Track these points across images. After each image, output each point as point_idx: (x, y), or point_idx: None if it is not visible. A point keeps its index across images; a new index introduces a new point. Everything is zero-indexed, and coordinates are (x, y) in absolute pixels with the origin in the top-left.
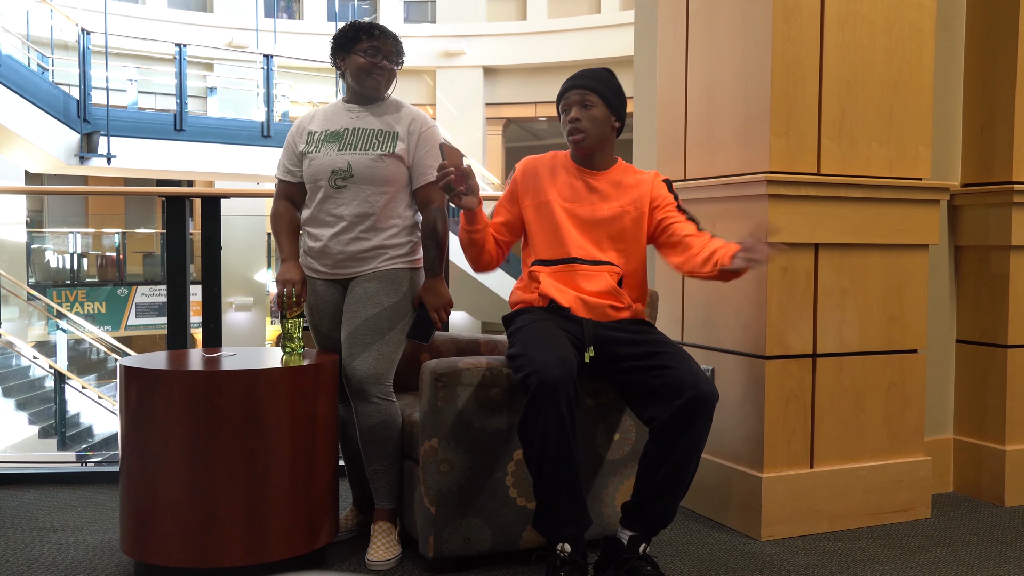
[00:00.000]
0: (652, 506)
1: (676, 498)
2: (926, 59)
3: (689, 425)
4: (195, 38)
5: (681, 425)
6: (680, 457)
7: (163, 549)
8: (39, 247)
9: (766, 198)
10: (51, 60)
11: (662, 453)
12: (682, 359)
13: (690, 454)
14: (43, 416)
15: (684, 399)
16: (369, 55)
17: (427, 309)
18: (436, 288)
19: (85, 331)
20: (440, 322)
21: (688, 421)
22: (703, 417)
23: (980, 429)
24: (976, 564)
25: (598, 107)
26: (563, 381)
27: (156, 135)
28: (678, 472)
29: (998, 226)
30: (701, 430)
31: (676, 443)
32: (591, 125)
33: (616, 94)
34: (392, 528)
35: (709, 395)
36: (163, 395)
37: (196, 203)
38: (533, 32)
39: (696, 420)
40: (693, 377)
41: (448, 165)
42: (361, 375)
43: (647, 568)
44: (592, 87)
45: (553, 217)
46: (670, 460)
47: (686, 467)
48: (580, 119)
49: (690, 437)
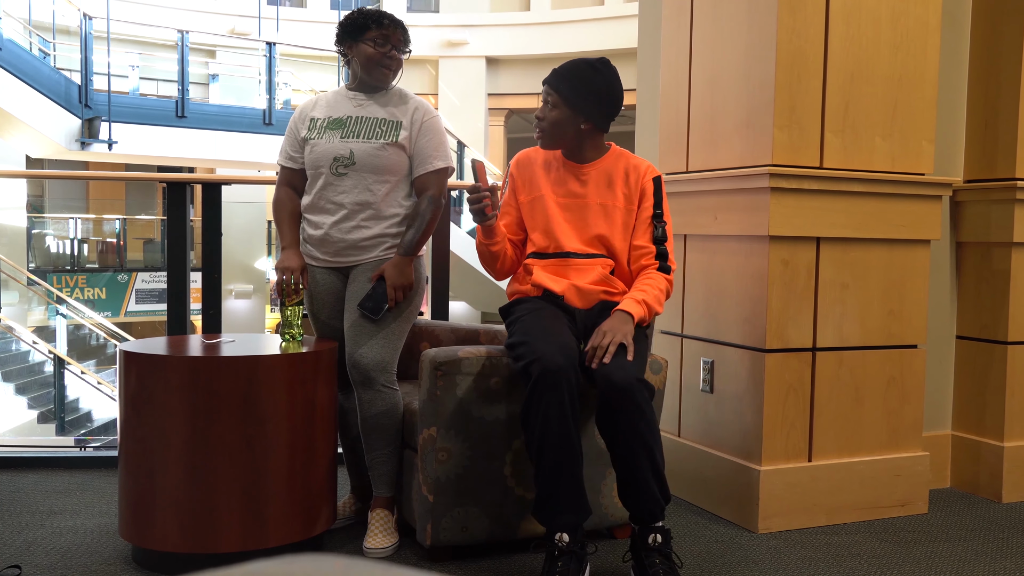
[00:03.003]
0: (627, 496)
1: (645, 485)
2: (931, 54)
3: (616, 417)
4: (197, 24)
5: (609, 415)
6: (626, 448)
7: (161, 534)
8: (39, 232)
9: (768, 191)
10: (53, 45)
11: (609, 445)
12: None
13: (633, 441)
14: (42, 401)
15: (603, 389)
16: (378, 45)
17: (386, 285)
18: (403, 267)
19: (85, 316)
20: (395, 301)
21: (612, 411)
22: (626, 406)
23: (979, 425)
24: (972, 560)
25: (558, 108)
26: (565, 369)
27: (157, 121)
28: (632, 460)
29: (1000, 222)
30: (630, 417)
31: (615, 436)
32: (548, 126)
33: (584, 94)
34: (390, 516)
35: (621, 383)
36: (162, 381)
37: (197, 190)
38: (536, 23)
39: (620, 410)
40: (611, 364)
41: (482, 186)
42: (367, 363)
43: (655, 559)
44: (555, 86)
45: (547, 211)
46: (618, 453)
47: (637, 453)
48: (542, 117)
49: (623, 427)
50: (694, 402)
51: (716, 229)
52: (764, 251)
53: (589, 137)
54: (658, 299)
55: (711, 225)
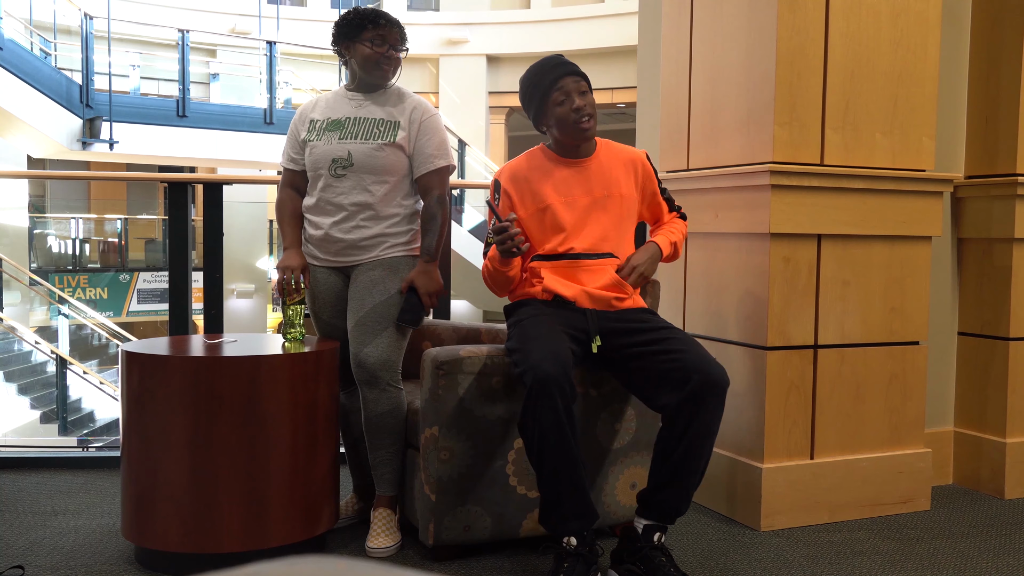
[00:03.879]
0: (665, 493)
1: (690, 485)
2: (931, 50)
3: (699, 410)
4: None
5: (692, 410)
6: (692, 442)
7: (163, 534)
8: (41, 232)
9: (769, 188)
10: (54, 45)
11: (673, 439)
12: (689, 343)
13: (702, 439)
14: (45, 401)
15: (693, 383)
16: (376, 45)
17: (419, 293)
18: (430, 273)
19: (87, 316)
20: (430, 307)
21: (698, 406)
22: (713, 401)
23: (981, 421)
24: (975, 556)
25: (590, 93)
26: (555, 377)
27: (159, 121)
28: (690, 458)
29: (1001, 218)
30: (712, 415)
31: (687, 429)
32: (594, 111)
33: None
34: (392, 515)
35: (718, 379)
36: (164, 381)
37: (198, 189)
38: (536, 20)
39: (706, 405)
40: (701, 361)
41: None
42: (373, 362)
43: (661, 558)
44: (583, 75)
45: (556, 217)
46: (681, 446)
47: (698, 452)
48: (586, 105)
49: (701, 422)
50: None
51: (717, 227)
52: (765, 248)
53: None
54: (680, 243)
55: (712, 223)
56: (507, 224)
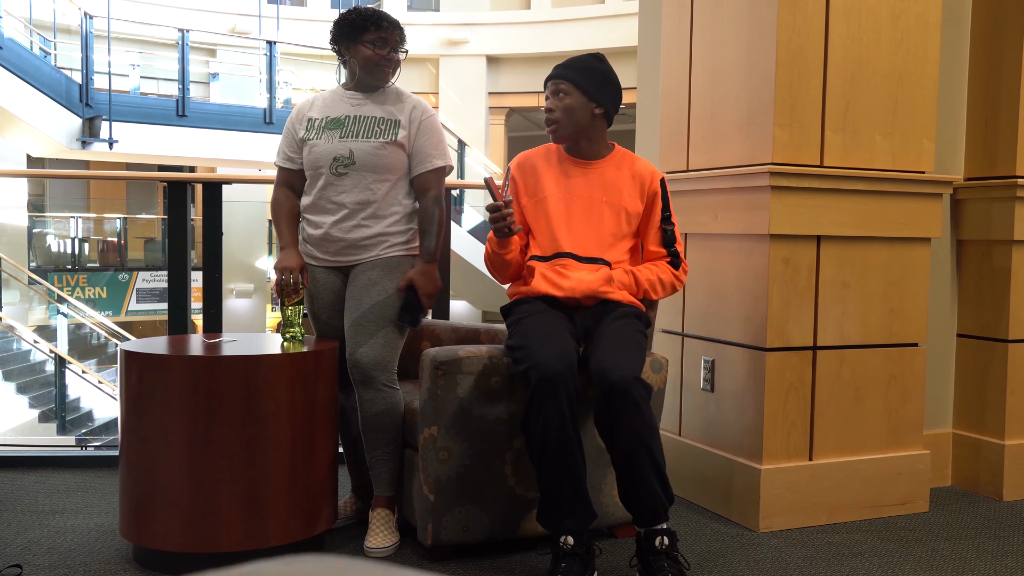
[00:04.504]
0: (628, 496)
1: (645, 483)
2: (931, 51)
3: (614, 415)
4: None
5: (607, 416)
6: (626, 448)
7: (161, 533)
8: (40, 231)
9: (769, 190)
10: (53, 44)
11: (608, 444)
12: (606, 341)
13: (634, 441)
14: (43, 400)
15: (599, 389)
16: (377, 47)
17: (418, 294)
18: (430, 273)
19: (86, 316)
20: (428, 308)
21: (611, 411)
22: (623, 405)
23: (979, 423)
24: (974, 558)
25: (571, 95)
26: (562, 375)
27: (158, 120)
28: (633, 462)
29: (1001, 220)
30: (628, 418)
31: (614, 437)
32: (563, 114)
33: (594, 80)
34: (391, 515)
35: (619, 382)
36: (163, 380)
37: (198, 189)
38: (536, 21)
39: (617, 409)
40: (605, 363)
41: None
42: (368, 362)
43: (663, 562)
44: (564, 75)
45: (548, 213)
46: (615, 451)
47: (637, 455)
48: (553, 109)
49: (620, 428)
50: (695, 401)
51: (717, 228)
52: (765, 250)
53: (600, 126)
54: (651, 281)
55: (712, 224)
56: (501, 204)
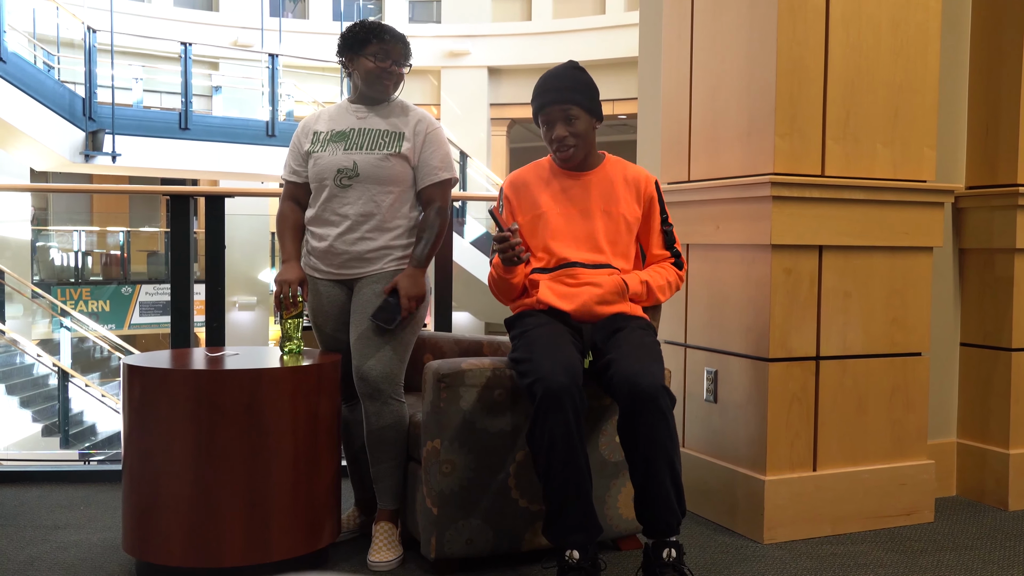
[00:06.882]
0: (645, 506)
1: (663, 496)
2: (931, 60)
3: (638, 424)
4: (200, 37)
5: (631, 425)
6: (647, 458)
7: (165, 548)
8: (44, 245)
9: (770, 200)
10: (57, 58)
11: (629, 452)
12: (630, 350)
13: (655, 452)
14: (46, 414)
15: (624, 397)
16: (379, 59)
17: (399, 296)
18: (415, 278)
19: (89, 329)
20: (407, 312)
21: (635, 420)
22: (649, 412)
23: (984, 433)
24: (980, 568)
25: (580, 118)
26: (568, 388)
27: (161, 134)
28: (653, 473)
29: (1002, 229)
30: (653, 427)
31: (636, 445)
32: (578, 140)
33: (594, 96)
34: (394, 529)
35: (648, 389)
36: (166, 394)
37: (200, 202)
38: (538, 32)
39: (643, 418)
40: (633, 370)
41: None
42: (376, 375)
43: (670, 575)
44: (573, 100)
45: (549, 227)
46: (640, 463)
47: (657, 467)
48: (567, 136)
49: (644, 437)
50: (698, 412)
51: (718, 238)
52: (766, 260)
53: (595, 137)
54: (661, 286)
55: (713, 234)
56: (508, 233)
